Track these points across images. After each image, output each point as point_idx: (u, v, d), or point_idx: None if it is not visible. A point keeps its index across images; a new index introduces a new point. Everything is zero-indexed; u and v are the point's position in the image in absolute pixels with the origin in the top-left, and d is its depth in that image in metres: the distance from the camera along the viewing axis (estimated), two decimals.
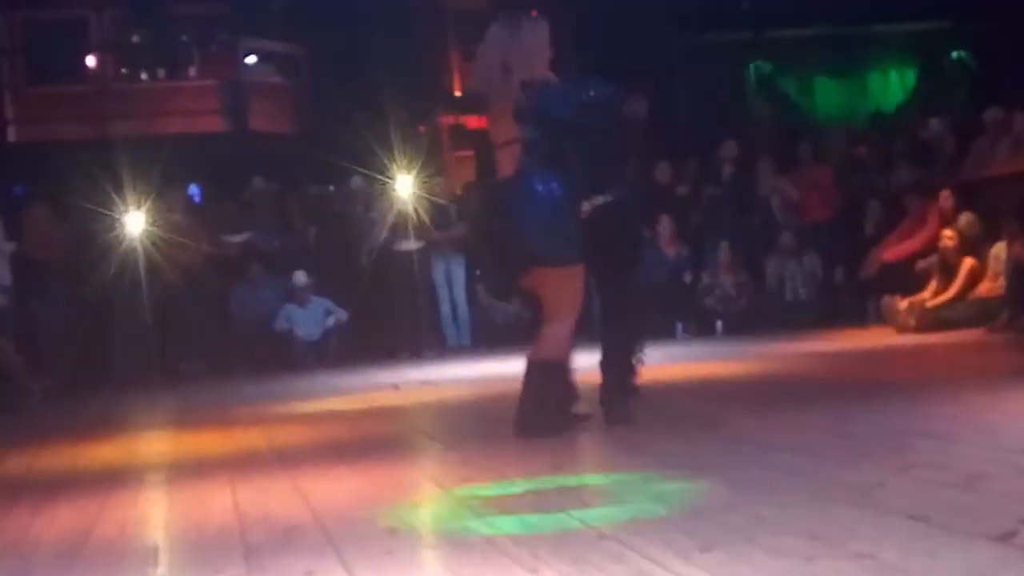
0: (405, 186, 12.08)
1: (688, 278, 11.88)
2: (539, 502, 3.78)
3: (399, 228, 11.95)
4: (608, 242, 5.54)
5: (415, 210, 11.93)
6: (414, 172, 12.27)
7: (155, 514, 4.37)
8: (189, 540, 3.71)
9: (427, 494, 4.38)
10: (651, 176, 11.94)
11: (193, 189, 15.17)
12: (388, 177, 12.15)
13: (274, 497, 4.32)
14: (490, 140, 5.64)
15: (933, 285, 10.02)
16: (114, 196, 11.80)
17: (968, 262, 9.88)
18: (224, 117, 17.69)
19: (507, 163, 5.48)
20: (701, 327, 11.68)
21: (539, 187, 5.34)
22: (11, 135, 17.29)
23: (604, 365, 5.53)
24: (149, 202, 12.03)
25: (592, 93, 5.46)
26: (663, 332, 10.90)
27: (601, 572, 2.75)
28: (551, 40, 5.57)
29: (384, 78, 17.51)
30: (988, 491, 3.35)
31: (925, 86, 21.05)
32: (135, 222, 11.79)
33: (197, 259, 12.23)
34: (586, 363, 5.57)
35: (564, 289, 5.38)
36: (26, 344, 10.72)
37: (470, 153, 21.46)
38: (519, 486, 4.12)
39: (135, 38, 18.75)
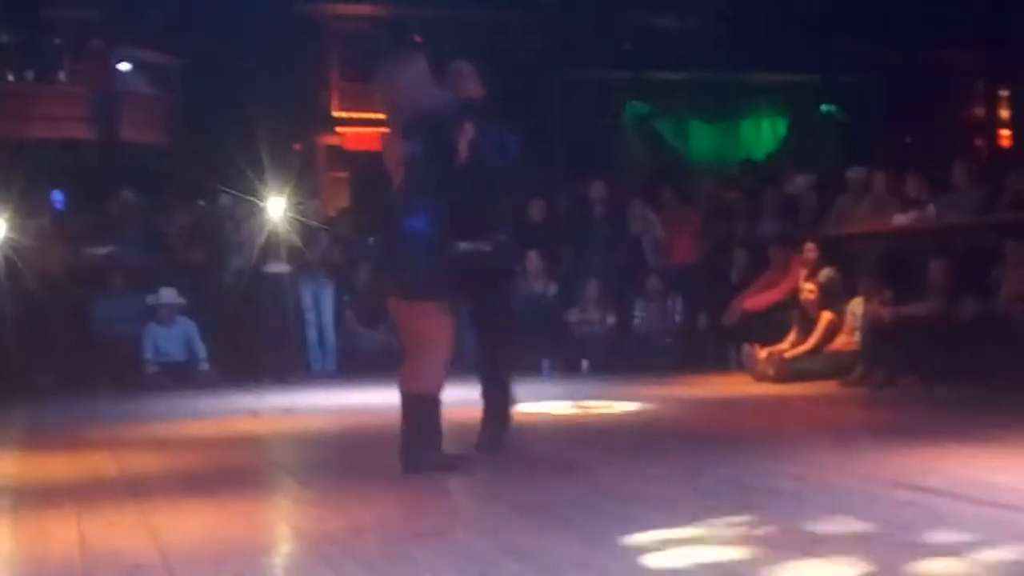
0: (276, 207, 11.94)
1: (554, 313, 11.98)
2: (390, 548, 3.77)
3: (269, 250, 11.80)
4: (480, 287, 5.61)
5: (286, 232, 11.80)
6: (287, 193, 12.14)
7: None
8: (28, 574, 3.61)
9: (278, 535, 4.33)
10: (524, 211, 12.01)
11: (56, 196, 14.81)
12: (259, 198, 12.00)
13: (121, 531, 4.23)
14: (383, 160, 5.73)
15: (792, 336, 10.26)
16: None
17: (826, 316, 10.14)
18: (92, 125, 17.34)
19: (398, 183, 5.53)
20: (567, 364, 11.77)
21: (410, 217, 5.36)
22: None
23: (484, 396, 5.64)
24: (10, 207, 11.69)
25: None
26: (528, 368, 10.97)
27: None
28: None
29: (260, 95, 17.37)
30: (829, 556, 3.43)
31: (795, 137, 21.63)
32: None
33: (57, 269, 11.92)
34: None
35: (414, 323, 5.40)
36: None
37: (345, 175, 21.40)
38: (371, 531, 4.10)
39: (4, 37, 18.29)
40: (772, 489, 4.75)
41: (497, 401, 5.96)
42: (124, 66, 18.23)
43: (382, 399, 9.56)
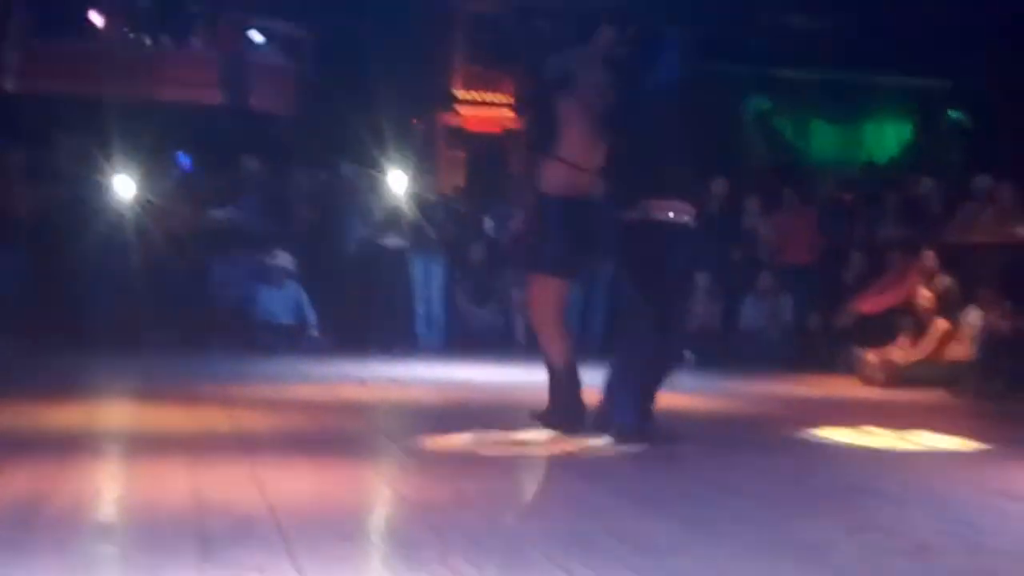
0: (397, 181, 12.08)
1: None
2: (493, 521, 3.82)
3: (388, 222, 11.95)
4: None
5: (406, 206, 11.93)
6: (406, 167, 12.28)
7: (111, 489, 4.39)
8: (143, 520, 3.72)
9: (382, 499, 4.41)
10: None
11: (183, 158, 15.14)
12: (379, 170, 12.15)
13: (232, 485, 4.33)
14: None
15: (903, 342, 10.10)
16: (102, 158, 11.73)
17: (942, 324, 9.97)
18: (223, 91, 17.68)
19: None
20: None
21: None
22: (10, 86, 17.23)
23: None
24: (140, 167, 11.98)
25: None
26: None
27: None
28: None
29: (385, 71, 17.56)
30: (934, 564, 3.40)
31: (919, 142, 21.23)
32: (125, 186, 11.73)
33: (182, 229, 12.20)
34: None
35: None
36: None
37: (463, 154, 21.54)
38: (475, 504, 4.15)
39: (143, 1, 18.72)
40: (877, 491, 4.70)
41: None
42: (256, 36, 18.55)
43: (487, 375, 9.70)
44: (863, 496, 4.60)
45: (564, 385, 5.89)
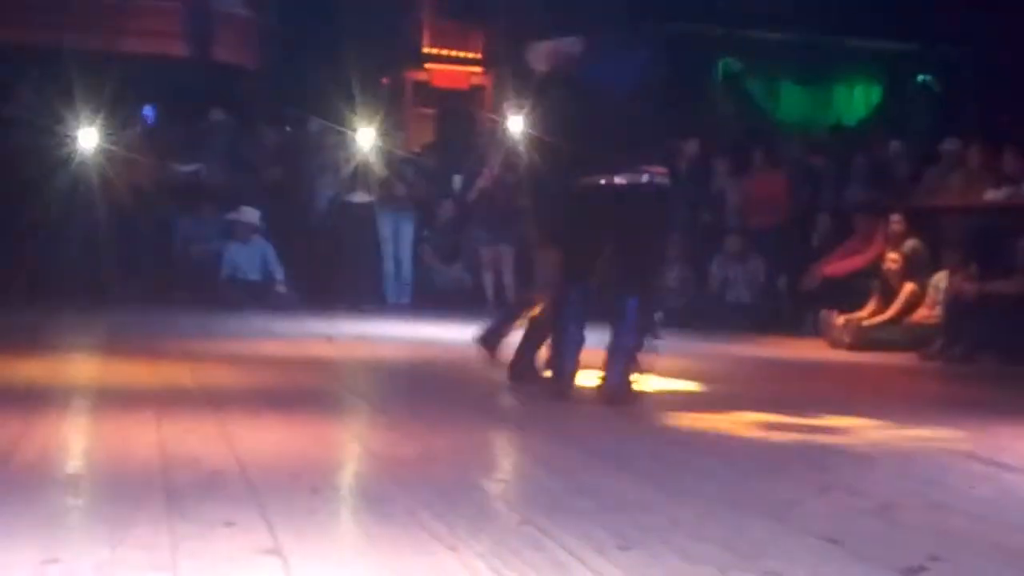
0: (365, 137, 12.00)
1: None
2: (462, 477, 3.81)
3: (356, 179, 11.88)
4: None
5: (374, 163, 11.87)
6: (375, 124, 12.20)
7: (78, 442, 4.35)
8: (110, 473, 3.69)
9: (351, 455, 4.40)
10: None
11: (147, 111, 14.97)
12: (348, 127, 12.06)
13: (199, 439, 4.31)
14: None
15: (871, 305, 10.16)
16: (65, 110, 11.57)
17: (908, 287, 10.02)
18: (186, 42, 17.46)
19: None
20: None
21: None
22: None
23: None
24: (102, 118, 11.83)
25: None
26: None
27: (518, 558, 2.78)
28: None
29: (352, 25, 17.39)
30: (901, 521, 3.42)
31: (888, 105, 21.25)
32: (88, 138, 11.59)
33: (146, 182, 12.09)
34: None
35: None
36: None
37: (432, 111, 21.41)
38: (443, 459, 4.15)
39: None
40: (843, 451, 4.73)
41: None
42: None
43: (454, 333, 9.68)
44: (829, 456, 4.63)
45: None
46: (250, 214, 11.86)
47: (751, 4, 20.22)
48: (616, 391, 5.62)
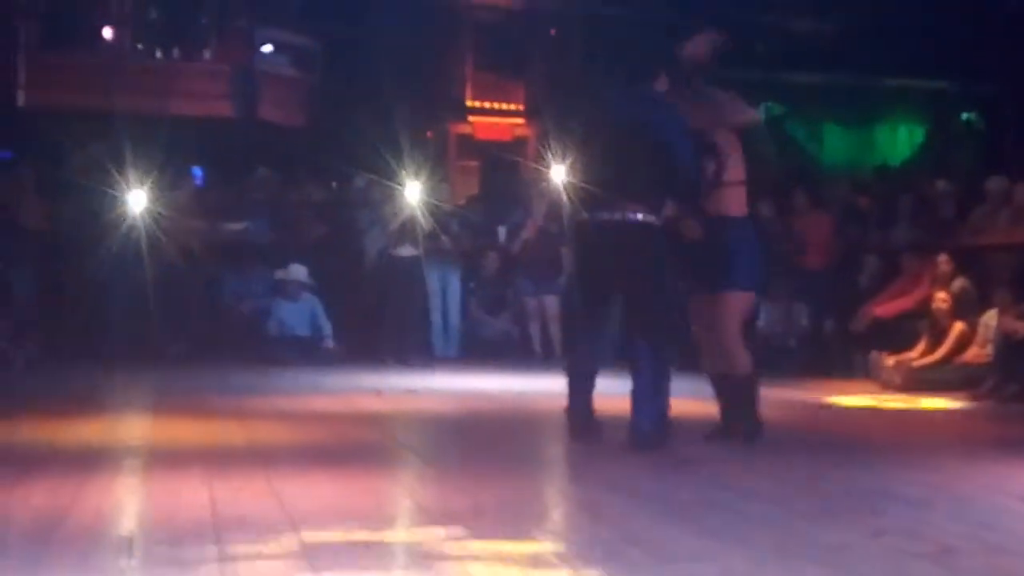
0: (412, 191, 12.08)
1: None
2: (512, 530, 3.80)
3: (403, 233, 11.94)
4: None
5: (420, 216, 11.93)
6: (421, 178, 12.28)
7: (130, 503, 4.39)
8: (164, 535, 3.71)
9: (402, 509, 4.41)
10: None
11: (196, 171, 15.18)
12: (394, 181, 12.15)
13: (250, 497, 4.33)
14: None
15: (921, 345, 10.07)
16: (114, 172, 11.74)
17: (958, 326, 9.93)
18: (234, 103, 17.72)
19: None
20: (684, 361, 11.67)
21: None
22: (20, 100, 17.27)
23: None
24: (152, 180, 11.99)
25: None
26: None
27: None
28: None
29: (395, 81, 17.58)
30: (957, 567, 3.38)
31: (932, 145, 21.17)
32: (138, 199, 11.74)
33: (195, 242, 12.21)
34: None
35: None
36: (4, 311, 10.72)
37: (475, 163, 21.56)
38: (493, 513, 4.14)
39: (153, 14, 18.77)
40: (896, 495, 4.68)
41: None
42: (266, 47, 18.59)
43: (501, 385, 9.69)
44: (882, 499, 4.58)
45: (751, 394, 6.10)
46: (298, 271, 11.94)
47: (791, 47, 20.26)
48: (641, 438, 5.58)
